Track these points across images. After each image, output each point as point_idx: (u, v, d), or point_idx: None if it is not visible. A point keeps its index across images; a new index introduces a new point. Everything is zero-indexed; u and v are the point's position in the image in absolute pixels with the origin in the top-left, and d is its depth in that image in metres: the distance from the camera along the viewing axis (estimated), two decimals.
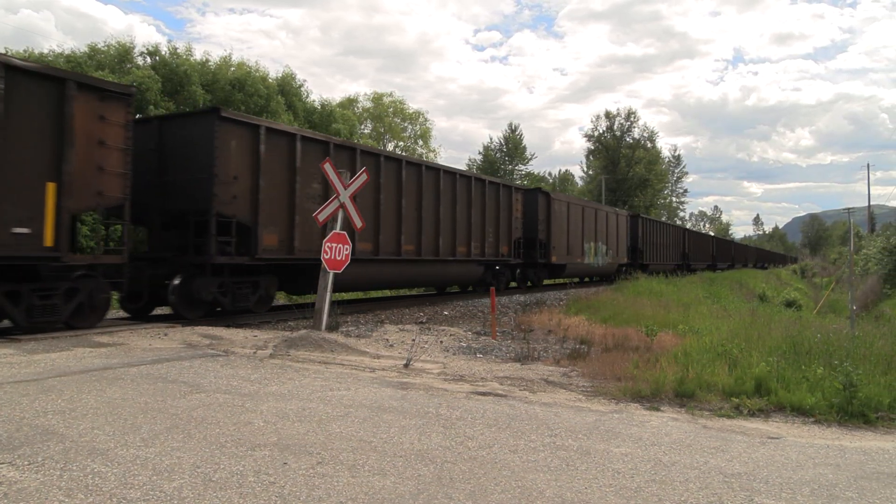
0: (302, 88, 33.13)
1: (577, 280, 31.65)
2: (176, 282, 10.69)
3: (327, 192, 11.96)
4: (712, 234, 78.71)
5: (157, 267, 11.12)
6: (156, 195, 11.17)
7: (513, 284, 22.89)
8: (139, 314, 11.75)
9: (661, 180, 78.48)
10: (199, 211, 10.72)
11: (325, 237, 9.75)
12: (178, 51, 28.20)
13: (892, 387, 5.97)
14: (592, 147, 75.50)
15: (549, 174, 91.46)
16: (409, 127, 52.14)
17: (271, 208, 11.67)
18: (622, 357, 7.75)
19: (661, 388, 6.03)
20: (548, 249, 23.02)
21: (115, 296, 10.83)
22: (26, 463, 3.56)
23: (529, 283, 23.63)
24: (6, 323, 9.13)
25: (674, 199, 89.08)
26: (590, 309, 14.76)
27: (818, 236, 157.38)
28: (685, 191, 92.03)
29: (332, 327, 9.44)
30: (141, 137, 10.67)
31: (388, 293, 19.49)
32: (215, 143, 10.62)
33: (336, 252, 9.60)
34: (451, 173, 17.76)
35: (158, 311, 14.70)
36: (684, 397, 5.90)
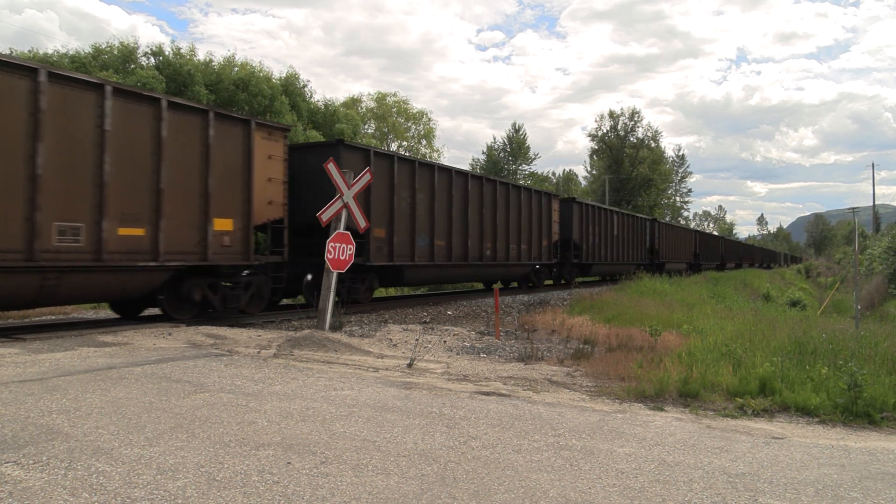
0: (306, 88, 33.20)
1: (454, 291, 22.39)
2: None
3: None
4: (718, 233, 77.80)
5: None
6: None
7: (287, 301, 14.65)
8: None
9: (665, 180, 78.31)
10: None
11: (328, 237, 9.75)
12: (182, 51, 28.29)
13: None
14: (596, 147, 75.50)
15: (553, 174, 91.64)
16: (413, 127, 52.21)
17: None
18: (626, 357, 7.75)
19: (664, 388, 6.02)
20: (366, 245, 13.45)
21: None
22: (31, 462, 3.57)
23: (338, 299, 10.98)
24: (10, 322, 9.15)
25: (678, 199, 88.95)
26: (593, 309, 14.79)
27: (822, 236, 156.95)
28: (689, 191, 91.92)
29: (335, 327, 9.45)
30: None
31: (394, 291, 18.94)
32: None
33: (340, 252, 9.60)
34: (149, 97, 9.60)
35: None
36: (688, 397, 5.89)
